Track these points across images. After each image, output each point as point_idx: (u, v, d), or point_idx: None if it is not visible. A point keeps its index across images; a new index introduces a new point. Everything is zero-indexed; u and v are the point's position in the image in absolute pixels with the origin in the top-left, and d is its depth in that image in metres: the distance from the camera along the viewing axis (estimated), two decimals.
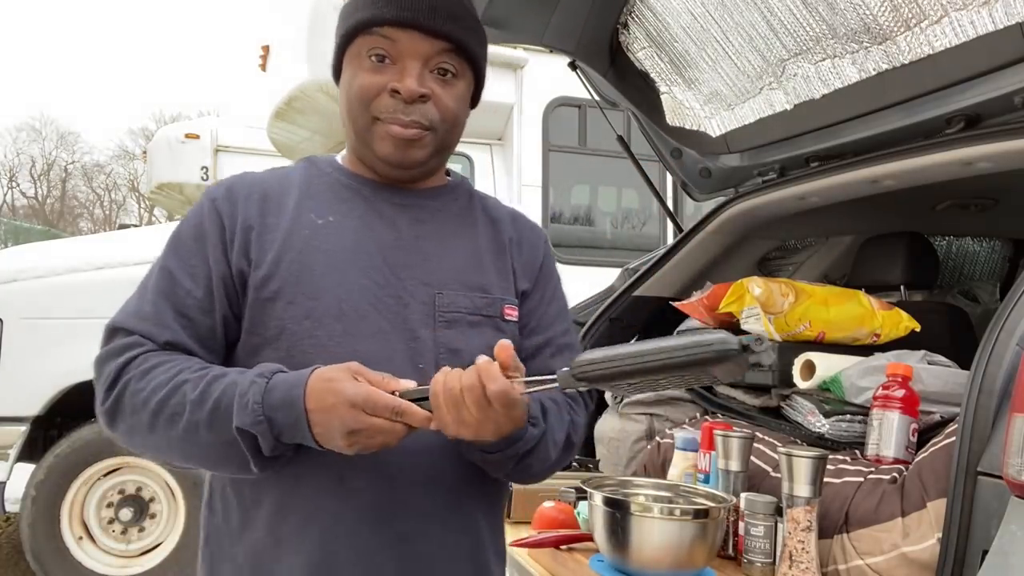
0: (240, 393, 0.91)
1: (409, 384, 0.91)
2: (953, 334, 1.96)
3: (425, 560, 1.01)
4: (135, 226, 13.46)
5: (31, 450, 3.42)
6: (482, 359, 0.88)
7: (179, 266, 1.02)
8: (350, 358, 0.93)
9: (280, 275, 1.01)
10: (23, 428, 3.34)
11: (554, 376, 0.88)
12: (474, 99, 1.16)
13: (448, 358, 1.00)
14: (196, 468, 1.00)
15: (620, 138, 2.55)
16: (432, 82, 1.05)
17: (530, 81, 4.33)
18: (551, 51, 2.29)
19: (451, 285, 1.07)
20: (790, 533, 1.25)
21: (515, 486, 1.66)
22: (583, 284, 3.01)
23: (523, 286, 1.14)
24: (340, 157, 1.17)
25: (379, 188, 1.12)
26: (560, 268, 1.23)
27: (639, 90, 2.30)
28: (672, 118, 2.28)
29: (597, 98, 2.43)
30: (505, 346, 0.88)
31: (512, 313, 1.11)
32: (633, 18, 2.12)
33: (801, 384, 1.66)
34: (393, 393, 0.89)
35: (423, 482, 1.01)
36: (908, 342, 1.75)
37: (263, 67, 6.43)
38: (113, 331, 1.01)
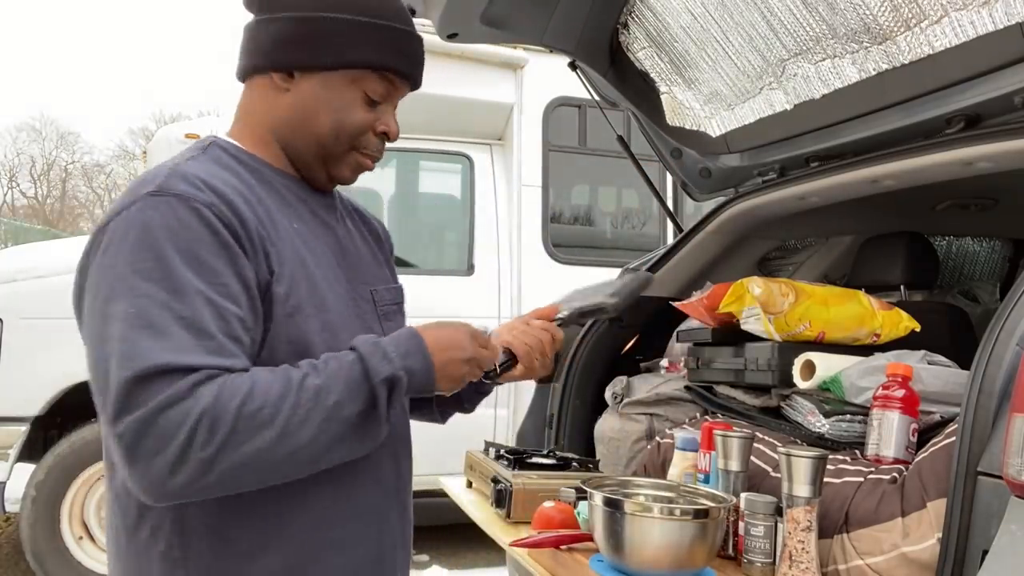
0: (366, 356, 0.95)
1: None
2: (953, 334, 1.96)
3: (410, 518, 1.18)
4: None
5: (31, 450, 3.42)
6: (537, 322, 1.22)
7: (210, 287, 0.91)
8: None
9: (296, 288, 0.99)
10: (23, 428, 3.35)
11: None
12: None
13: None
14: (315, 468, 0.95)
15: (620, 138, 2.56)
16: None
17: (530, 81, 4.31)
18: (551, 51, 2.29)
19: (375, 281, 1.18)
20: (790, 533, 1.25)
21: (516, 487, 1.66)
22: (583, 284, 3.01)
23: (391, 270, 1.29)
24: (236, 142, 1.09)
25: (303, 187, 1.12)
26: (560, 268, 1.31)
27: (639, 90, 2.30)
28: (672, 118, 2.28)
29: (597, 98, 2.43)
30: (556, 307, 1.25)
31: (404, 296, 1.26)
32: (633, 18, 2.12)
33: (801, 384, 1.66)
34: None
35: (409, 455, 1.18)
36: (908, 342, 1.75)
37: None
38: (149, 376, 0.85)
